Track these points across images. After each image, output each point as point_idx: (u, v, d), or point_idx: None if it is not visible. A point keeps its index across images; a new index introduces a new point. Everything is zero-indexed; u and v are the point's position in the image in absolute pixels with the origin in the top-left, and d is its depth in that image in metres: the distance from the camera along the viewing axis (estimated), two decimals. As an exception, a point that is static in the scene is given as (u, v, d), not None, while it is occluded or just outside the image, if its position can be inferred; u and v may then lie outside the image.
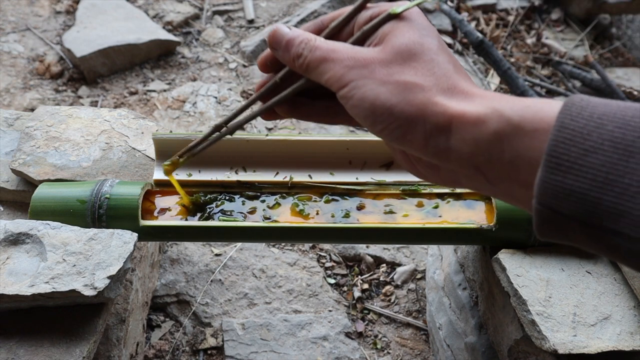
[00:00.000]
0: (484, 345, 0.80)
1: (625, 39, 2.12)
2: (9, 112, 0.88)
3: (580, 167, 0.29)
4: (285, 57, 0.42)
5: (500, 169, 0.33)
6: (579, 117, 0.30)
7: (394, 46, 0.38)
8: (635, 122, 0.28)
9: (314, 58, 0.39)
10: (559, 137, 0.30)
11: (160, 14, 1.85)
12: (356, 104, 0.37)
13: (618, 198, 0.28)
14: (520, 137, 0.32)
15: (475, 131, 0.34)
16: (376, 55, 0.38)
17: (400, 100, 0.36)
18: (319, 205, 0.71)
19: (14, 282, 0.59)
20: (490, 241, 0.71)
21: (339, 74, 0.38)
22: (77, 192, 0.68)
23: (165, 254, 1.10)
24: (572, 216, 0.29)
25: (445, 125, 0.35)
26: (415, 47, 0.38)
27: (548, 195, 0.30)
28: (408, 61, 0.37)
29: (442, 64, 0.37)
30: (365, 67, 0.37)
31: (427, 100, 0.35)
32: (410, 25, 0.39)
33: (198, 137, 0.52)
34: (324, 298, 1.08)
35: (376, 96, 0.36)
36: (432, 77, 0.36)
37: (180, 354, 0.99)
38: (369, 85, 0.37)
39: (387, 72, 0.37)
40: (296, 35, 0.41)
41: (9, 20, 1.75)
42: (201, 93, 1.59)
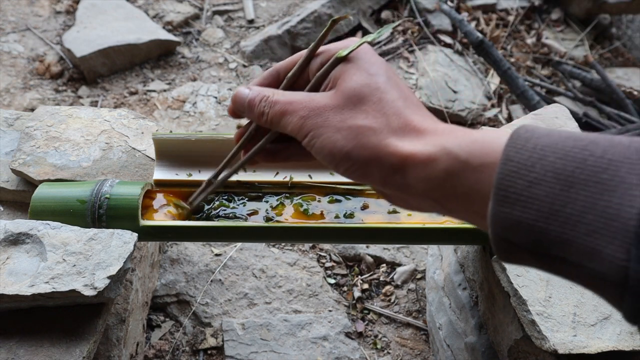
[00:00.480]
0: (484, 345, 0.80)
1: (625, 39, 2.12)
2: (9, 112, 0.88)
3: (526, 199, 0.30)
4: (251, 117, 0.45)
5: (456, 202, 0.35)
6: (523, 150, 0.31)
7: (344, 91, 0.40)
8: (574, 153, 0.29)
9: (275, 113, 0.42)
10: (505, 169, 0.31)
11: (160, 14, 1.85)
12: (317, 151, 0.40)
13: (562, 227, 0.29)
14: (469, 173, 0.33)
15: (426, 170, 0.35)
16: (328, 102, 0.40)
17: (355, 145, 0.38)
18: (323, 205, 0.71)
19: (14, 282, 0.59)
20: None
21: (298, 125, 0.40)
22: (77, 192, 0.68)
23: (165, 254, 1.10)
24: (522, 245, 0.30)
25: (399, 166, 0.36)
26: (363, 90, 0.39)
27: (499, 226, 0.31)
28: (358, 105, 0.39)
29: (390, 102, 0.39)
30: (319, 116, 0.40)
31: (379, 142, 0.37)
32: (357, 67, 0.41)
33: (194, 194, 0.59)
34: (324, 298, 1.08)
35: (333, 143, 0.39)
36: (382, 118, 0.38)
37: (180, 354, 0.99)
38: (326, 133, 0.39)
39: (340, 119, 0.39)
40: (255, 94, 0.44)
41: (9, 20, 1.75)
42: (201, 93, 1.59)
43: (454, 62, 1.82)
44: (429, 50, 1.84)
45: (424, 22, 1.93)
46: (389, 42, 1.86)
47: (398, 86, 0.40)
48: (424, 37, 1.90)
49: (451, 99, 1.69)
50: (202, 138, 0.72)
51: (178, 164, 0.73)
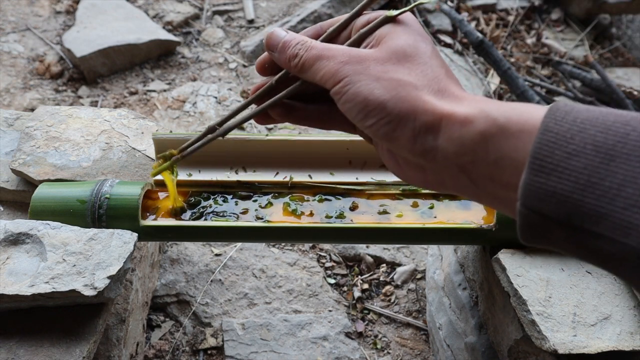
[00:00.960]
0: (484, 345, 0.80)
1: (625, 39, 2.12)
2: (9, 112, 0.88)
3: (563, 170, 0.29)
4: (282, 58, 0.43)
5: (484, 169, 0.34)
6: (563, 121, 0.30)
7: (390, 46, 0.39)
8: (616, 127, 0.29)
9: (310, 56, 0.41)
10: (543, 139, 0.30)
11: (160, 14, 1.85)
12: (350, 98, 0.38)
13: (599, 200, 0.28)
14: (506, 138, 0.33)
15: (462, 131, 0.34)
16: (372, 53, 0.39)
17: (393, 96, 0.37)
18: (312, 205, 0.71)
19: (14, 282, 0.59)
20: (490, 241, 0.71)
21: (334, 69, 0.39)
22: (77, 192, 0.68)
23: (165, 254, 1.10)
24: (554, 218, 0.30)
25: (434, 124, 0.35)
26: (410, 50, 0.39)
27: (531, 197, 0.30)
28: (402, 61, 0.38)
29: (434, 67, 0.38)
30: (359, 63, 0.38)
31: (418, 98, 0.36)
32: (406, 29, 0.40)
33: (192, 137, 0.53)
34: (324, 298, 1.08)
35: (370, 91, 0.37)
36: (424, 78, 0.37)
37: (180, 354, 0.99)
38: (363, 80, 0.38)
39: (382, 69, 0.38)
40: (292, 37, 0.43)
41: (9, 20, 1.75)
42: (201, 93, 1.59)
43: (454, 62, 1.82)
44: (429, 50, 1.84)
45: (424, 22, 1.93)
46: (389, 42, 1.86)
47: (441, 59, 0.40)
48: (424, 37, 1.90)
49: (451, 99, 1.69)
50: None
51: (178, 164, 0.73)
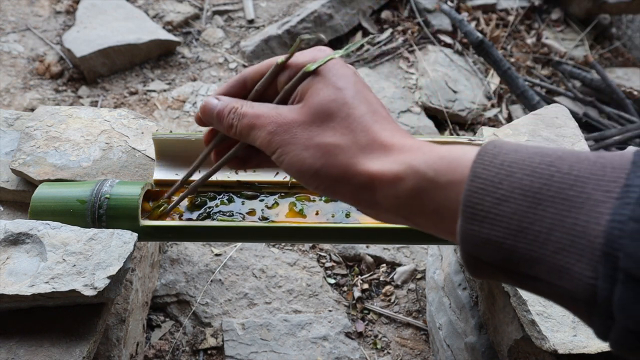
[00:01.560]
0: (484, 345, 0.80)
1: (625, 39, 2.12)
2: (9, 112, 0.88)
3: (494, 217, 0.30)
4: (220, 128, 0.45)
5: (425, 219, 0.35)
6: (490, 166, 0.31)
7: (311, 107, 0.40)
8: (541, 169, 0.29)
9: (243, 126, 0.42)
10: (472, 186, 0.30)
11: (160, 14, 1.85)
12: (286, 168, 0.39)
13: (531, 245, 0.28)
14: (437, 191, 0.33)
15: (394, 189, 0.35)
16: (296, 117, 0.40)
17: (323, 163, 0.38)
18: (318, 205, 0.71)
19: (14, 282, 0.59)
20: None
21: (266, 140, 0.40)
22: (77, 192, 0.68)
23: (165, 254, 1.10)
24: (492, 263, 0.30)
25: (368, 184, 0.36)
26: (330, 105, 0.39)
27: (468, 244, 0.31)
28: (326, 121, 0.39)
29: (358, 118, 0.38)
30: (286, 132, 0.39)
31: (347, 161, 0.37)
32: (323, 82, 0.40)
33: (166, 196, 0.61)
34: (324, 298, 1.08)
35: (301, 162, 0.38)
36: (350, 135, 0.38)
37: (180, 354, 0.99)
38: (294, 151, 0.39)
39: (308, 136, 0.39)
40: (224, 105, 0.44)
41: (9, 20, 1.75)
42: (201, 93, 1.59)
43: (454, 62, 1.82)
44: (429, 50, 1.84)
45: (424, 22, 1.93)
46: (389, 42, 1.86)
47: (367, 100, 0.40)
48: (424, 37, 1.90)
49: (451, 99, 1.69)
50: (202, 138, 0.72)
51: (178, 164, 0.73)
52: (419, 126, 1.56)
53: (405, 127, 1.52)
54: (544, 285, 0.29)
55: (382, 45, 1.84)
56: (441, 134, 1.61)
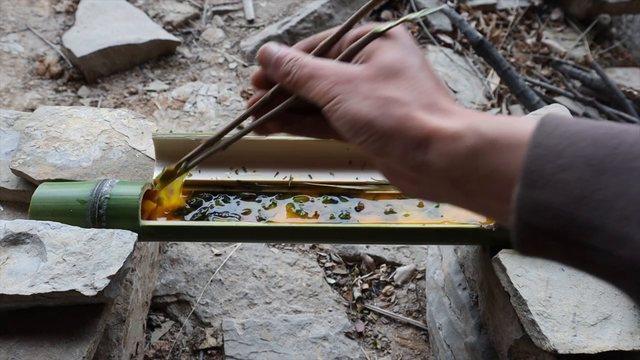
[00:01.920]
0: (484, 345, 0.80)
1: (625, 39, 2.12)
2: (9, 112, 0.88)
3: (555, 183, 0.29)
4: (275, 74, 0.44)
5: (476, 183, 0.34)
6: (552, 135, 0.31)
7: (378, 63, 0.39)
8: (606, 140, 0.29)
9: (302, 75, 0.41)
10: (534, 153, 0.30)
11: (160, 14, 1.85)
12: (339, 116, 0.39)
13: (591, 213, 0.28)
14: (496, 152, 0.33)
15: (451, 146, 0.35)
16: (361, 71, 0.39)
17: (381, 113, 0.37)
18: (317, 206, 0.71)
19: (14, 282, 0.59)
20: (490, 241, 0.71)
21: (325, 89, 0.39)
22: (77, 192, 0.68)
23: (165, 254, 1.10)
24: (548, 231, 0.30)
25: (423, 140, 0.36)
26: (398, 65, 0.39)
27: (525, 210, 0.30)
28: (391, 78, 0.39)
29: (423, 81, 0.38)
30: (349, 83, 0.39)
31: (406, 114, 0.37)
32: (394, 44, 0.40)
33: (190, 153, 0.54)
34: (324, 298, 1.08)
35: (358, 109, 0.38)
36: (413, 93, 0.38)
37: (180, 354, 0.99)
38: (352, 99, 0.38)
39: (370, 88, 0.38)
40: (285, 53, 0.44)
41: (9, 20, 1.75)
42: (201, 93, 1.59)
43: (454, 62, 1.82)
44: (429, 50, 1.84)
45: (424, 22, 1.93)
46: (389, 42, 1.86)
47: (430, 71, 0.40)
48: (424, 37, 1.90)
49: (451, 99, 1.69)
50: (202, 138, 0.72)
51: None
52: (419, 126, 1.56)
53: (405, 127, 1.52)
54: (599, 256, 0.28)
55: (382, 45, 1.84)
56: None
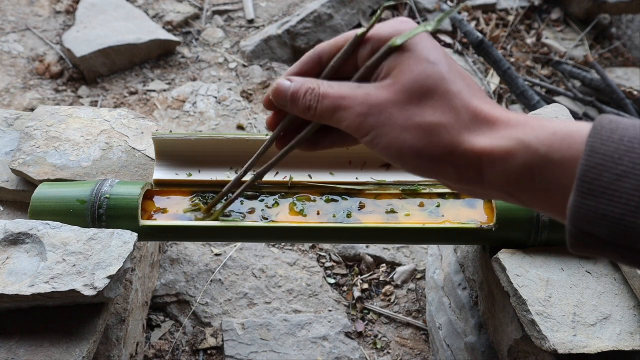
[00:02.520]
0: (484, 345, 0.80)
1: (625, 39, 2.12)
2: (9, 112, 0.88)
3: (613, 193, 0.29)
4: (295, 111, 0.41)
5: (532, 195, 0.34)
6: (609, 141, 0.30)
7: (405, 84, 0.37)
8: None
9: (324, 108, 0.39)
10: (590, 162, 0.30)
11: (160, 14, 1.85)
12: (383, 150, 0.37)
13: None
14: (550, 167, 0.32)
15: (504, 165, 0.34)
16: (389, 96, 0.37)
17: (427, 144, 0.36)
18: (319, 205, 0.71)
19: (14, 282, 0.59)
20: (490, 241, 0.71)
21: (357, 122, 0.37)
22: (77, 192, 0.68)
23: (165, 254, 1.10)
24: (605, 239, 0.30)
25: (475, 162, 0.35)
26: (427, 82, 0.36)
27: (581, 219, 0.30)
28: (424, 99, 0.36)
29: (457, 94, 0.36)
30: (381, 114, 0.37)
31: (452, 140, 0.35)
32: (414, 58, 0.37)
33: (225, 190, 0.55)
34: (324, 298, 1.08)
35: (402, 143, 0.36)
36: (452, 113, 0.36)
37: (180, 354, 0.99)
38: (391, 133, 0.36)
39: (406, 116, 0.36)
40: (298, 86, 0.41)
41: (9, 20, 1.75)
42: (201, 93, 1.59)
43: (454, 62, 1.82)
44: (429, 50, 1.83)
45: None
46: (389, 42, 1.86)
47: (460, 74, 0.38)
48: (424, 37, 1.90)
49: (451, 99, 1.68)
50: (202, 138, 0.72)
51: (178, 164, 0.73)
52: (419, 126, 1.56)
53: (405, 127, 1.52)
54: None
55: (382, 45, 1.84)
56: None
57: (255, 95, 1.62)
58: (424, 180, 0.73)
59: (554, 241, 0.69)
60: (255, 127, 1.49)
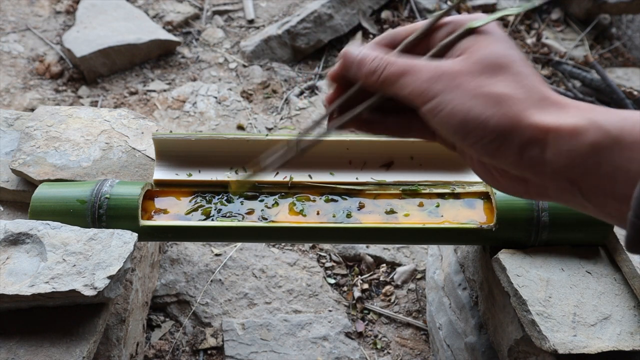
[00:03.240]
0: (484, 345, 0.80)
1: (625, 39, 2.12)
2: (9, 112, 0.88)
3: None
4: (359, 74, 0.41)
5: (595, 181, 0.32)
6: None
7: (480, 58, 0.37)
8: None
9: (391, 72, 0.38)
10: None
11: (160, 14, 1.85)
12: (445, 119, 0.36)
13: None
14: (619, 150, 0.31)
15: (571, 143, 0.33)
16: (462, 66, 0.37)
17: (494, 113, 0.35)
18: (319, 205, 0.71)
19: (14, 282, 0.59)
20: (490, 241, 0.71)
21: (422, 87, 0.37)
22: (77, 192, 0.68)
23: (165, 254, 1.10)
24: None
25: (541, 138, 0.34)
26: (502, 59, 0.37)
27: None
28: (496, 73, 0.36)
29: (529, 76, 0.36)
30: (451, 80, 0.36)
31: (521, 112, 0.34)
32: (492, 38, 0.38)
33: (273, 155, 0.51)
34: (324, 298, 1.08)
35: (468, 110, 0.35)
36: (522, 89, 0.35)
37: (180, 354, 0.99)
38: (458, 98, 0.36)
39: (476, 84, 0.36)
40: (368, 54, 0.41)
41: (9, 20, 1.75)
42: (201, 93, 1.59)
43: (454, 62, 1.82)
44: (429, 50, 1.84)
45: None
46: (389, 42, 1.86)
47: (530, 66, 0.38)
48: (424, 37, 1.90)
49: (451, 99, 1.69)
50: (202, 138, 0.72)
51: (178, 164, 0.73)
52: (419, 126, 1.56)
53: (405, 127, 1.52)
54: None
55: (382, 45, 1.84)
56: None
57: (255, 95, 1.62)
58: (424, 180, 0.74)
59: (554, 241, 0.69)
60: (255, 127, 1.49)
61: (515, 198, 0.67)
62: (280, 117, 1.55)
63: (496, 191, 0.68)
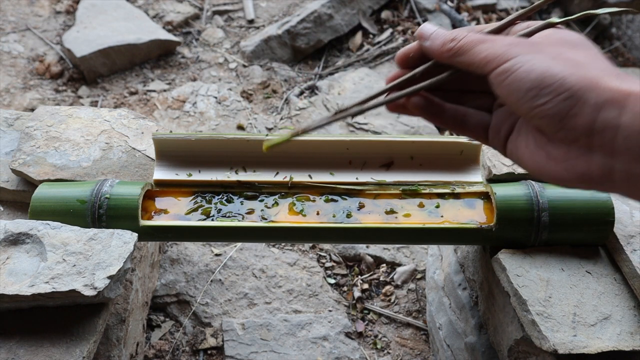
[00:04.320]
0: (484, 345, 0.80)
1: (625, 39, 2.12)
2: (9, 112, 0.88)
3: None
4: (435, 44, 0.42)
5: None
6: None
7: (560, 37, 0.39)
8: None
9: (469, 40, 0.40)
10: None
11: (160, 14, 1.85)
12: (520, 76, 0.36)
13: None
14: None
15: None
16: (542, 40, 0.39)
17: (574, 72, 0.35)
18: (318, 205, 0.71)
19: (14, 282, 0.59)
20: (490, 241, 0.71)
21: (500, 50, 0.38)
22: (77, 192, 0.68)
23: (165, 254, 1.10)
24: None
25: (621, 100, 0.33)
26: (580, 41, 0.39)
27: None
28: (576, 48, 0.38)
29: (604, 58, 0.38)
30: (532, 45, 0.38)
31: (600, 77, 0.35)
32: (568, 32, 0.40)
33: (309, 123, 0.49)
34: (324, 298, 1.08)
35: (547, 67, 0.36)
36: (600, 63, 0.37)
37: (180, 354, 0.99)
38: (537, 58, 0.36)
39: (557, 51, 0.37)
40: (444, 30, 0.43)
41: (9, 20, 1.75)
42: (201, 93, 1.59)
43: (454, 62, 1.82)
44: (429, 50, 1.83)
45: (424, 22, 1.93)
46: (389, 42, 1.86)
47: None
48: (424, 37, 1.90)
49: (451, 99, 1.68)
50: (202, 138, 0.72)
51: (178, 164, 0.73)
52: (419, 126, 1.56)
53: (405, 127, 1.52)
54: None
55: (382, 45, 1.84)
56: (441, 134, 1.61)
57: (255, 95, 1.62)
58: (424, 180, 0.73)
59: (554, 241, 0.69)
60: (255, 127, 1.49)
61: (515, 198, 0.67)
62: (280, 117, 1.55)
63: (496, 191, 0.68)
